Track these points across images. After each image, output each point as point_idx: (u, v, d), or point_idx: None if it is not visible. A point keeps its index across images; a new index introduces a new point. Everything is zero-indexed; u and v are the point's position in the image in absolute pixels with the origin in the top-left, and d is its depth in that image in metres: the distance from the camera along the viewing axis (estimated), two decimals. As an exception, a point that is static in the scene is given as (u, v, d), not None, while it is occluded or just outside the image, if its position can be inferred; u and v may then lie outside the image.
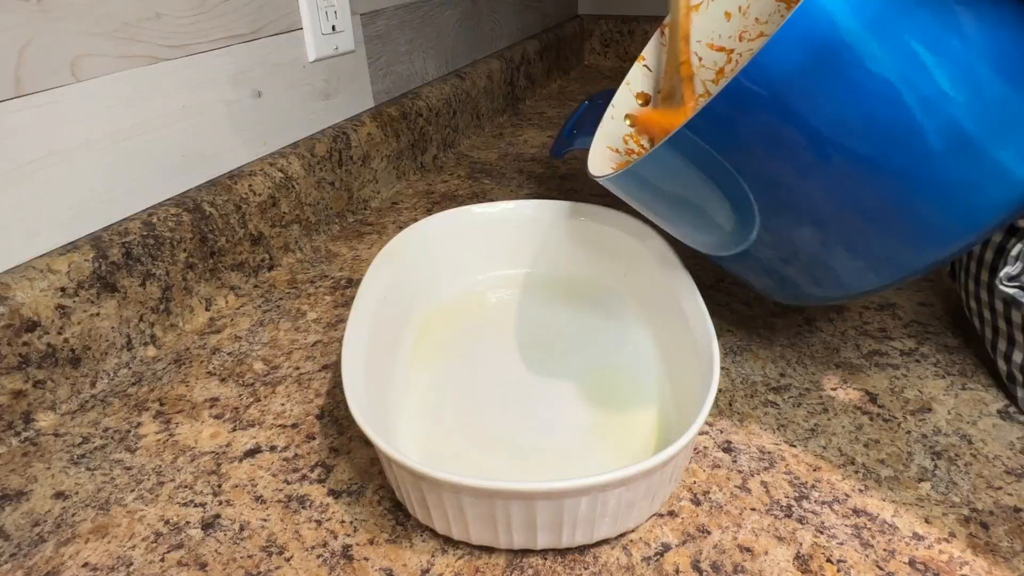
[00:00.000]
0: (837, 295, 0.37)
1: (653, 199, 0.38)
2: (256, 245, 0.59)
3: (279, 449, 0.40)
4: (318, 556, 0.33)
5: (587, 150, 0.52)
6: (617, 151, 0.48)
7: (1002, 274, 0.39)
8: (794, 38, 0.27)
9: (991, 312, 0.42)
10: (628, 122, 0.50)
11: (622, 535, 0.34)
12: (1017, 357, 0.40)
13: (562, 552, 0.33)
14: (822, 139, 0.29)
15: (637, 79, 0.51)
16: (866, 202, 0.31)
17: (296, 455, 0.40)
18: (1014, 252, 0.39)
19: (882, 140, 0.29)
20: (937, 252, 0.32)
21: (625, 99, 0.51)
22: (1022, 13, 0.29)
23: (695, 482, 0.37)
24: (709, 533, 0.34)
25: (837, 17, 0.27)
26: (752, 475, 0.37)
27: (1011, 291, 0.39)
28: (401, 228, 0.68)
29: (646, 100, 0.51)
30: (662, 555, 0.33)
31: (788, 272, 0.37)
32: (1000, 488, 0.36)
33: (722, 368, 0.46)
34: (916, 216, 0.31)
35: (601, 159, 0.47)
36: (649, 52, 0.51)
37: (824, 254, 0.34)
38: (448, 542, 0.34)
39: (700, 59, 0.50)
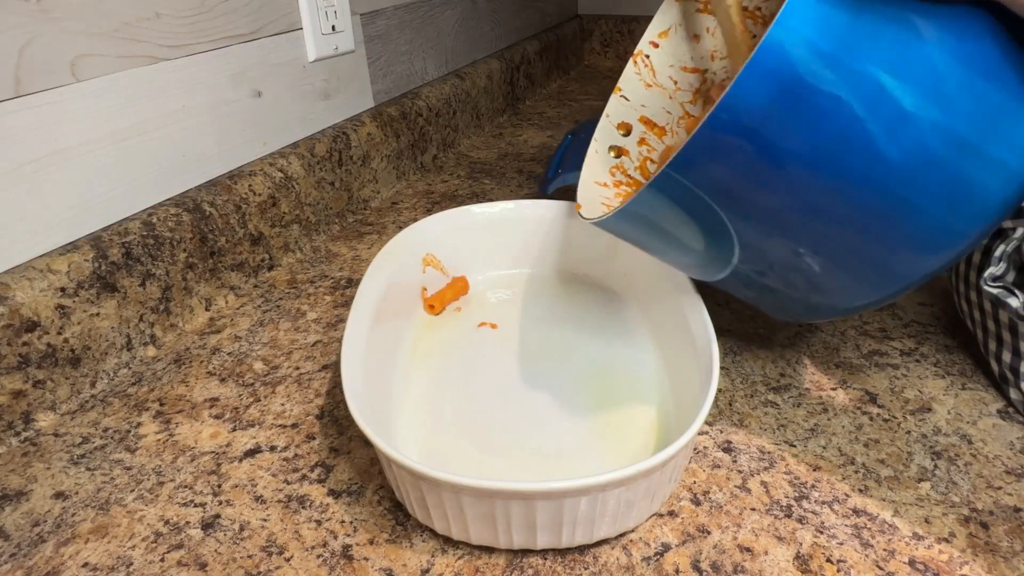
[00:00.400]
0: (838, 311, 0.37)
1: (647, 236, 0.38)
2: (256, 245, 0.59)
3: (279, 449, 0.40)
4: (318, 556, 0.33)
5: (575, 185, 0.52)
6: (605, 184, 0.48)
7: (986, 275, 0.40)
8: (756, 78, 0.28)
9: (981, 312, 0.42)
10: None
11: (622, 535, 0.34)
12: (1006, 356, 0.41)
13: (562, 552, 0.33)
14: (807, 172, 0.30)
15: (616, 110, 0.51)
16: (857, 222, 0.31)
17: (296, 455, 0.40)
18: (997, 253, 0.39)
19: (861, 164, 0.29)
20: (942, 257, 0.32)
21: (607, 131, 0.50)
22: (986, 19, 0.29)
23: (695, 482, 0.37)
24: (709, 533, 0.34)
25: (796, 56, 0.28)
26: (752, 475, 0.37)
27: (995, 291, 0.39)
28: (401, 228, 0.68)
29: (627, 130, 0.51)
30: (662, 555, 0.33)
31: (792, 294, 0.37)
32: (1000, 488, 0.36)
33: (722, 368, 0.46)
34: (917, 227, 0.31)
35: (590, 195, 0.47)
36: (625, 83, 0.51)
37: (823, 275, 0.34)
38: (448, 542, 0.34)
39: (676, 82, 0.51)
